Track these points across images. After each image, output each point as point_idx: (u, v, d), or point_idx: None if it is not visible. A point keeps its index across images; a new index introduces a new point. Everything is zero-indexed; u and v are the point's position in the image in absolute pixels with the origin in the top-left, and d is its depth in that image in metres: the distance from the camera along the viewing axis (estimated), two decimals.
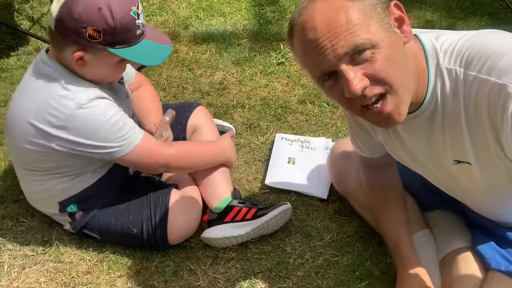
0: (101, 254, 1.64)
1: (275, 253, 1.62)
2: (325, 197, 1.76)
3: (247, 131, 2.06)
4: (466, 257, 1.34)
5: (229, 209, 1.63)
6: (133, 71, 1.77)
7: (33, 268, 1.61)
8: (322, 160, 1.86)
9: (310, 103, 2.15)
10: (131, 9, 1.32)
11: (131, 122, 1.46)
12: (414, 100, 1.02)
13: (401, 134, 1.16)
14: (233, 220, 1.61)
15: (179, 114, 1.79)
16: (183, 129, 1.79)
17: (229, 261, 1.61)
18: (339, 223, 1.69)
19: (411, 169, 1.30)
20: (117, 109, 1.42)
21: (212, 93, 2.24)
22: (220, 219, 1.62)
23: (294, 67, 2.33)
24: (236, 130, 2.04)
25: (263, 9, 2.73)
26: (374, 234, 1.62)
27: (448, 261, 1.37)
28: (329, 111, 2.11)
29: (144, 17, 1.42)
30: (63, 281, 1.57)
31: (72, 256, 1.63)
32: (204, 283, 1.55)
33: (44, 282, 1.57)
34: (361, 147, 1.40)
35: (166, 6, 2.79)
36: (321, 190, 1.78)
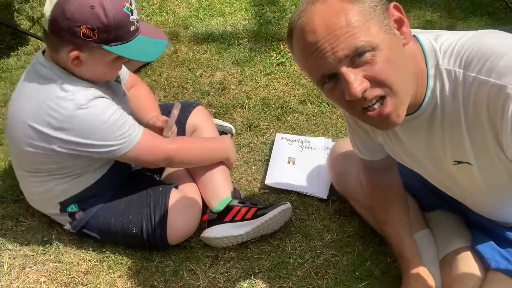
0: (101, 254, 1.64)
1: (275, 253, 1.62)
2: (325, 197, 1.76)
3: (247, 131, 2.06)
4: (466, 257, 1.34)
5: (229, 209, 1.63)
6: (126, 71, 1.78)
7: (33, 268, 1.61)
8: (322, 160, 1.86)
9: (310, 103, 2.15)
10: (124, 5, 1.31)
11: (130, 119, 1.46)
12: (413, 102, 1.02)
13: (400, 136, 1.16)
14: (233, 220, 1.61)
15: (178, 114, 1.79)
16: (182, 129, 1.79)
17: (229, 261, 1.61)
18: (339, 223, 1.69)
19: (411, 169, 1.30)
20: (116, 108, 1.42)
21: (212, 93, 2.24)
22: (220, 219, 1.62)
23: (294, 67, 2.33)
24: (236, 130, 2.04)
25: (263, 9, 2.73)
26: (374, 234, 1.62)
27: (448, 261, 1.37)
28: (329, 111, 2.11)
29: (138, 13, 1.41)
30: (63, 281, 1.57)
31: (72, 256, 1.63)
32: (204, 283, 1.55)
33: (44, 282, 1.57)
34: (360, 149, 1.40)
35: (166, 6, 2.79)
36: (321, 190, 1.78)
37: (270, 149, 1.96)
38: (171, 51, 2.47)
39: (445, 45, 1.01)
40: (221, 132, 1.95)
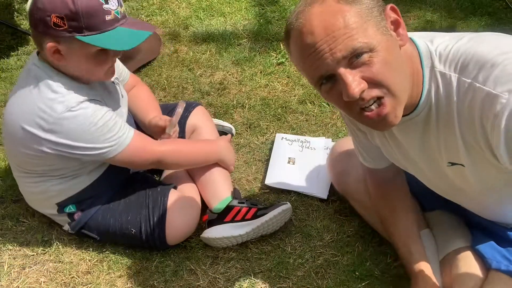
0: (101, 254, 1.64)
1: (275, 253, 1.62)
2: (325, 197, 1.76)
3: (247, 131, 2.06)
4: (467, 257, 1.33)
5: (229, 209, 1.63)
6: (127, 72, 1.77)
7: (33, 268, 1.61)
8: (322, 160, 1.86)
9: (310, 103, 2.15)
10: None
11: (121, 121, 1.44)
12: (409, 103, 1.02)
13: (397, 137, 1.16)
14: (233, 220, 1.61)
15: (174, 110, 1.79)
16: (182, 129, 1.79)
17: (229, 261, 1.61)
18: (339, 223, 1.69)
19: None
20: (106, 110, 1.40)
21: (212, 93, 2.24)
22: (220, 219, 1.62)
23: (294, 67, 2.33)
24: (236, 130, 2.04)
25: (263, 9, 2.73)
26: (374, 234, 1.61)
27: (449, 261, 1.36)
28: (329, 111, 2.11)
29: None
30: (63, 281, 1.57)
31: (72, 256, 1.63)
32: (204, 283, 1.55)
33: (44, 282, 1.57)
34: (363, 155, 1.39)
35: (166, 6, 2.79)
36: (321, 190, 1.78)
37: (270, 149, 1.96)
38: (171, 51, 2.48)
39: (440, 47, 1.01)
40: (221, 132, 1.95)
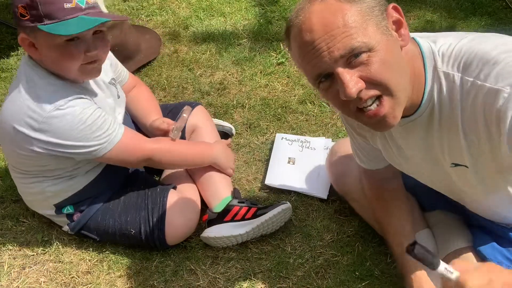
0: (101, 254, 1.64)
1: (275, 253, 1.62)
2: (325, 197, 1.76)
3: (247, 131, 2.06)
4: (467, 257, 1.33)
5: (229, 208, 1.63)
6: (126, 72, 1.77)
7: (33, 268, 1.61)
8: (322, 160, 1.86)
9: (310, 103, 2.15)
10: None
11: (110, 119, 1.44)
12: (410, 104, 1.02)
13: (398, 139, 1.16)
14: (233, 220, 1.61)
15: (178, 114, 1.79)
16: (182, 129, 1.79)
17: (229, 261, 1.61)
18: (339, 223, 1.69)
19: None
20: (95, 108, 1.40)
21: (212, 93, 2.24)
22: (220, 218, 1.62)
23: (294, 67, 2.33)
24: (236, 130, 2.04)
25: (263, 9, 2.73)
26: (374, 234, 1.61)
27: (449, 261, 1.36)
28: (329, 111, 2.11)
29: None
30: (63, 281, 1.57)
31: (72, 256, 1.63)
32: (204, 283, 1.55)
33: (44, 282, 1.57)
34: (361, 158, 1.39)
35: (166, 6, 2.79)
36: (321, 190, 1.78)
37: (270, 149, 1.96)
38: (171, 51, 2.48)
39: (443, 47, 1.01)
40: (221, 132, 1.95)
